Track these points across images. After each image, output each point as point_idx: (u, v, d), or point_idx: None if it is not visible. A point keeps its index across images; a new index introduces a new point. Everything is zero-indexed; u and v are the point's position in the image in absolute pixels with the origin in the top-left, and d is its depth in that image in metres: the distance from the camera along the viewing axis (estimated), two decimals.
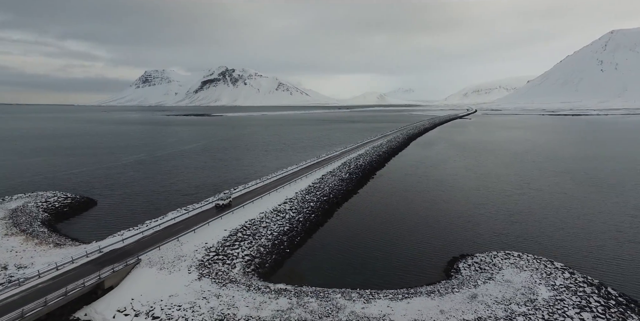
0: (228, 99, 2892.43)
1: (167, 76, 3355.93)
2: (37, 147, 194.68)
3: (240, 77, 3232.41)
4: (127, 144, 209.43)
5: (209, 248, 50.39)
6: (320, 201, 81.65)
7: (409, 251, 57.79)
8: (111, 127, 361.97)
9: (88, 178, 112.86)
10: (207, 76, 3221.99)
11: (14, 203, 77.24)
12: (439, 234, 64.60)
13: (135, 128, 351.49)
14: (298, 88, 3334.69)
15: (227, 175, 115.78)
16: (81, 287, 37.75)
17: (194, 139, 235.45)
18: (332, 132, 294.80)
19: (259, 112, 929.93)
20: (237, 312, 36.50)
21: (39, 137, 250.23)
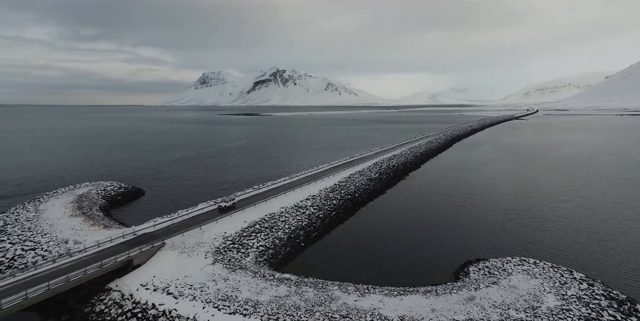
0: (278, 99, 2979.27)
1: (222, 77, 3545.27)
2: (107, 143, 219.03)
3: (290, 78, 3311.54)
4: (179, 141, 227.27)
5: (226, 237, 54.89)
6: (344, 200, 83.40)
7: (422, 252, 57.61)
8: (168, 126, 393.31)
9: (140, 170, 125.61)
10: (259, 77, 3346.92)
11: (81, 190, 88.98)
12: (458, 238, 63.26)
13: (188, 127, 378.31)
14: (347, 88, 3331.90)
15: (262, 172, 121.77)
16: (113, 262, 43.87)
17: (238, 138, 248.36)
18: (374, 132, 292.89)
19: (306, 112, 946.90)
20: (239, 295, 40.05)
21: (109, 136, 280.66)
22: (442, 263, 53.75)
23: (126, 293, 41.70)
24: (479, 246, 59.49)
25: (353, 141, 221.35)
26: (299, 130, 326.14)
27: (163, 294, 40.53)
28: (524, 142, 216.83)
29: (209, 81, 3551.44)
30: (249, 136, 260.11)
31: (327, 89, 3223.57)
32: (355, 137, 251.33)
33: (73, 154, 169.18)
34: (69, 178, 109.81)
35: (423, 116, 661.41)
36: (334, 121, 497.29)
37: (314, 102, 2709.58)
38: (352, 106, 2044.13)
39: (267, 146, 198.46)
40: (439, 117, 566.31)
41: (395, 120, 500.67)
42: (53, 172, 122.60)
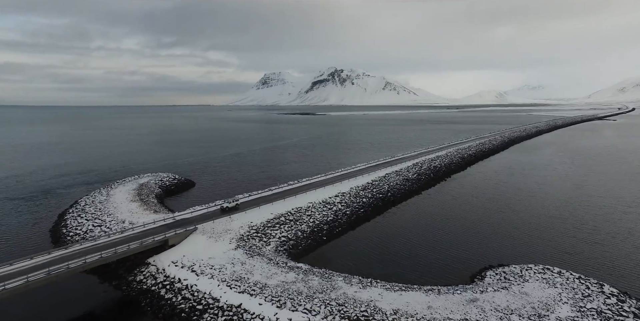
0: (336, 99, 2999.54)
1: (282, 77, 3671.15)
2: (172, 139, 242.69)
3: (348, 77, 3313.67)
4: (234, 139, 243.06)
5: (252, 226, 59.72)
6: (375, 198, 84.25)
7: (443, 254, 56.82)
8: (227, 125, 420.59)
9: (195, 164, 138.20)
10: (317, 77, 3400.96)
11: (143, 179, 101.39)
12: (485, 242, 61.08)
13: (246, 125, 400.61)
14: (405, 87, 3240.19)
15: (302, 169, 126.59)
16: (152, 241, 50.87)
17: (289, 136, 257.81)
18: (425, 133, 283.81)
19: (361, 111, 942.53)
20: (250, 277, 44.17)
21: (174, 133, 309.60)
22: (460, 266, 52.72)
23: (160, 267, 48.24)
24: (507, 253, 56.96)
25: (401, 141, 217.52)
26: (350, 130, 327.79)
27: (188, 271, 46.22)
28: (599, 145, 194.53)
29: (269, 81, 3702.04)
30: (299, 135, 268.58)
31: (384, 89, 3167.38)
32: (405, 137, 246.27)
33: (142, 149, 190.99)
34: (136, 169, 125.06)
35: (484, 116, 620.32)
36: (388, 120, 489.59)
37: (371, 102, 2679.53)
38: (410, 105, 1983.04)
39: (314, 145, 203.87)
40: (501, 118, 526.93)
41: (453, 120, 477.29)
42: (125, 164, 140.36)
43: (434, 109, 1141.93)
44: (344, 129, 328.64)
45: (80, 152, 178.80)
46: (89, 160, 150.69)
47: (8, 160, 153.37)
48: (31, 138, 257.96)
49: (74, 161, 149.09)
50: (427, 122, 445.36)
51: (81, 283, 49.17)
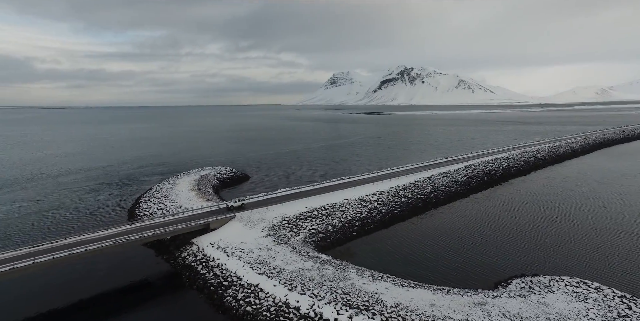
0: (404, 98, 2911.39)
1: (350, 77, 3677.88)
2: (237, 137, 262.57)
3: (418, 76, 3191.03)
4: (294, 137, 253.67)
5: (285, 218, 64.27)
6: (415, 198, 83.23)
7: (473, 259, 54.92)
8: (292, 123, 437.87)
9: (253, 159, 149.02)
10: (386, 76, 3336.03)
11: (204, 171, 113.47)
12: (525, 252, 57.34)
13: (309, 124, 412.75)
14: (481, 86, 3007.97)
15: (350, 167, 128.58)
16: (195, 224, 58.35)
17: (348, 135, 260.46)
18: (493, 134, 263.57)
19: (429, 111, 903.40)
20: (272, 262, 48.48)
21: (241, 131, 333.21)
22: (487, 272, 50.68)
23: (200, 247, 55.21)
24: (548, 264, 52.88)
25: (462, 143, 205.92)
26: (412, 130, 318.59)
27: (221, 252, 52.27)
28: None
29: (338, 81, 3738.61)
30: (358, 134, 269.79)
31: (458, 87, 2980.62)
32: (468, 138, 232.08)
33: (211, 145, 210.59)
34: (201, 162, 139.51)
35: (571, 116, 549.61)
36: (456, 121, 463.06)
37: (442, 101, 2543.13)
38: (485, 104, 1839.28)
39: (370, 144, 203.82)
40: (597, 118, 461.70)
41: (531, 121, 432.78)
42: (194, 157, 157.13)
43: (512, 109, 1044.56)
44: (405, 129, 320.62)
45: (160, 146, 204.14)
46: (166, 154, 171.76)
47: (107, 153, 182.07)
48: (126, 134, 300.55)
49: (155, 154, 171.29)
50: (500, 122, 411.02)
51: (141, 253, 58.58)
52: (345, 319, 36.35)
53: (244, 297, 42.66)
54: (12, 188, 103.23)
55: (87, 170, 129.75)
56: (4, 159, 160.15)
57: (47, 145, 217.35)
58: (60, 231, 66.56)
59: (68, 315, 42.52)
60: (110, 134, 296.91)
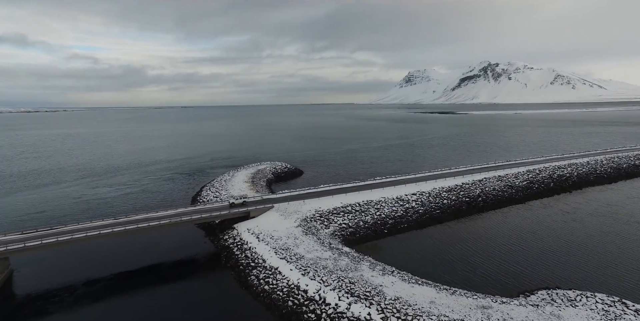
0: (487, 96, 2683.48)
1: (427, 75, 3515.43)
2: (301, 135, 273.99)
3: (504, 72, 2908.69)
4: (358, 136, 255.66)
5: (318, 211, 68.24)
6: (459, 201, 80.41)
7: (505, 267, 52.47)
8: (360, 122, 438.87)
9: (310, 156, 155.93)
10: (467, 73, 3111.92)
11: (262, 166, 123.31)
12: (569, 266, 52.72)
13: (376, 124, 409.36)
14: (585, 80, 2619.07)
15: (402, 167, 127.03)
16: (237, 211, 65.77)
17: (412, 135, 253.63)
18: (585, 136, 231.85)
19: (513, 110, 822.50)
20: (295, 249, 52.92)
21: (308, 129, 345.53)
22: (515, 281, 48.26)
23: (239, 232, 62.22)
24: (593, 281, 48.01)
25: (539, 145, 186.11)
26: (485, 130, 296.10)
27: (254, 237, 58.45)
28: None
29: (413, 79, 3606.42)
30: (424, 134, 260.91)
31: (554, 83, 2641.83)
32: (548, 141, 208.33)
33: (275, 141, 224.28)
34: (262, 157, 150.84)
35: None
36: (543, 121, 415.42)
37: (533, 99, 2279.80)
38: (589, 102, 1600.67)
39: (432, 145, 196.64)
40: None
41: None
42: (257, 153, 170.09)
43: (625, 107, 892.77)
44: (478, 130, 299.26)
45: (231, 142, 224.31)
46: (235, 149, 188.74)
47: (186, 147, 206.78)
48: (205, 131, 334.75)
49: (225, 149, 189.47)
50: (601, 123, 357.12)
51: (194, 233, 67.86)
52: (345, 305, 39.04)
53: (265, 277, 47.85)
54: (114, 174, 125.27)
55: (168, 162, 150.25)
56: (114, 151, 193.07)
57: (143, 139, 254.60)
58: (138, 209, 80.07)
59: (132, 277, 52.44)
60: (192, 131, 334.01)
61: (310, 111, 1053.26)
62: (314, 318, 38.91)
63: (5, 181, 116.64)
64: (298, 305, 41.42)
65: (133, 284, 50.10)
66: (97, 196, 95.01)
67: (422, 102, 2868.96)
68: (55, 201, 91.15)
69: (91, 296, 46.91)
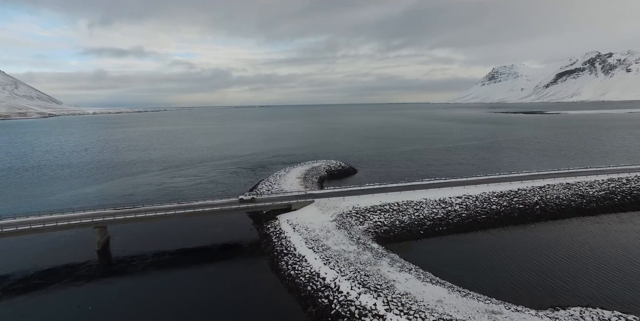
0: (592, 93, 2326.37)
1: (514, 71, 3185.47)
2: (367, 134, 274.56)
3: (620, 63, 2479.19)
4: (423, 136, 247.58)
5: (356, 208, 70.79)
6: (510, 208, 75.67)
7: (545, 280, 49.10)
8: (430, 123, 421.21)
9: (368, 156, 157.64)
10: (565, 67, 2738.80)
11: (317, 163, 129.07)
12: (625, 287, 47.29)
13: (449, 124, 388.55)
14: None
15: (459, 170, 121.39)
16: (280, 204, 71.87)
17: (485, 137, 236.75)
18: None
19: (626, 109, 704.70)
20: (324, 241, 56.66)
21: (377, 128, 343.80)
22: (550, 295, 45.25)
23: (280, 222, 68.11)
24: None
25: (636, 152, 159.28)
26: (577, 132, 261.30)
27: (291, 228, 63.66)
28: None
29: (498, 76, 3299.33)
30: (498, 136, 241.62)
31: None
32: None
33: (338, 140, 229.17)
34: (320, 155, 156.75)
35: None
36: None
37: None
38: None
39: (503, 148, 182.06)
40: None
41: None
42: (316, 150, 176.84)
43: None
44: (568, 132, 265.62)
45: (295, 140, 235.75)
46: (297, 146, 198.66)
47: (254, 144, 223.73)
48: (275, 129, 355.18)
49: (288, 146, 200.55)
50: None
51: (245, 221, 75.90)
52: (355, 294, 41.68)
53: (292, 263, 52.61)
54: (189, 166, 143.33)
55: (236, 157, 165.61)
56: (193, 146, 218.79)
57: (219, 136, 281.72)
58: (202, 196, 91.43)
59: (188, 253, 61.77)
60: (264, 129, 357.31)
61: (382, 110, 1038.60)
62: (326, 303, 42.31)
63: (112, 168, 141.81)
64: (315, 290, 45.20)
65: (188, 259, 59.10)
66: (173, 184, 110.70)
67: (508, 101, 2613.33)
68: (142, 186, 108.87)
69: (156, 265, 56.94)
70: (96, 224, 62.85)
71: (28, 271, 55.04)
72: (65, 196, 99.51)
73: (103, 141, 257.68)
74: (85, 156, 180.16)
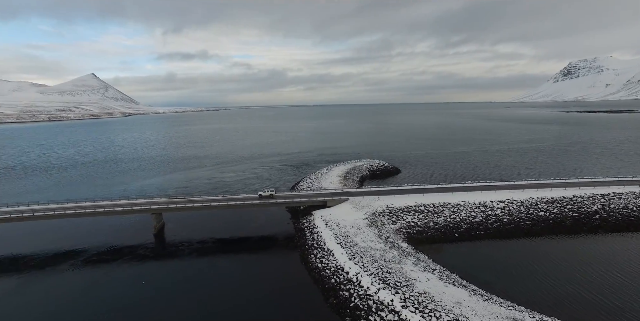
0: None
1: (597, 64, 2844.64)
2: (416, 135, 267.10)
3: None
4: (477, 137, 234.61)
5: (389, 207, 71.02)
6: (561, 216, 70.39)
7: (584, 295, 46.08)
8: (489, 123, 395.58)
9: (414, 156, 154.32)
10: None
11: (360, 162, 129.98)
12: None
13: (507, 125, 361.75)
14: None
15: (508, 174, 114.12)
16: (315, 200, 74.57)
17: (548, 139, 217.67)
18: None
19: None
20: (353, 238, 58.20)
21: (427, 129, 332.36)
22: (582, 308, 42.17)
23: (314, 218, 70.90)
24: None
25: None
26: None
27: (323, 223, 66.11)
28: None
29: (575, 71, 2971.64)
30: (564, 138, 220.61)
31: None
32: None
33: (385, 140, 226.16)
34: (363, 154, 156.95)
35: None
36: None
37: None
38: None
39: (568, 151, 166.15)
40: None
41: None
42: (361, 150, 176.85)
43: None
44: None
45: (343, 139, 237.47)
46: (343, 145, 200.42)
47: (302, 142, 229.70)
48: (326, 128, 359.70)
49: (335, 145, 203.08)
50: None
51: (283, 215, 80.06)
52: (374, 289, 42.89)
53: (321, 257, 55.03)
54: (239, 162, 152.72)
55: (283, 154, 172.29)
56: (244, 143, 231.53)
57: (270, 134, 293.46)
58: (246, 190, 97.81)
59: (229, 242, 67.32)
60: (314, 128, 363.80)
61: (438, 110, 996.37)
62: (347, 295, 44.07)
63: (172, 162, 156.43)
64: (338, 283, 47.14)
65: (228, 248, 64.59)
66: (223, 179, 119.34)
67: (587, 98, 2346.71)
68: (195, 179, 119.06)
69: (200, 250, 63.03)
70: (153, 211, 71.13)
71: (100, 247, 64.42)
72: (132, 186, 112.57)
73: (167, 138, 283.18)
74: (151, 151, 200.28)
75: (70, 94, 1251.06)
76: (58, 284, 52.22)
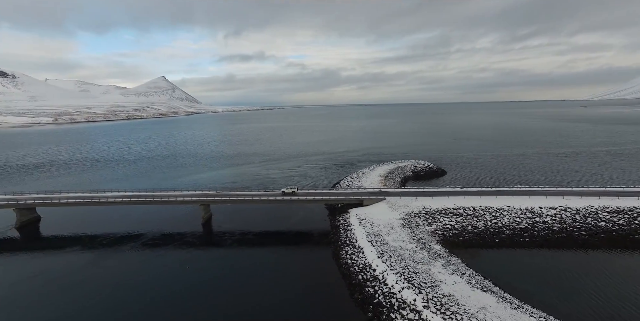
0: None
1: None
2: (468, 135, 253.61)
3: None
4: (540, 139, 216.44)
5: (426, 208, 69.64)
6: (629, 227, 63.77)
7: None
8: (557, 124, 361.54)
9: (463, 158, 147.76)
10: None
11: (404, 163, 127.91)
12: None
13: (581, 126, 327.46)
14: None
15: (565, 179, 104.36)
16: (352, 198, 75.55)
17: (625, 142, 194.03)
18: None
19: None
20: (384, 237, 58.41)
21: (481, 129, 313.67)
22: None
23: (350, 216, 72.00)
24: None
25: None
26: None
27: (358, 222, 66.99)
28: None
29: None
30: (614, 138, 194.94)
31: None
32: None
33: (434, 140, 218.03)
34: (409, 155, 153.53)
35: None
36: None
37: None
38: None
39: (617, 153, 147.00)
40: None
41: None
42: (408, 150, 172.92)
43: None
44: None
45: (390, 139, 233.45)
46: (389, 145, 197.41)
47: (349, 141, 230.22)
48: (376, 127, 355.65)
49: (381, 145, 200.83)
50: None
51: (321, 211, 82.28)
52: (398, 288, 43.18)
53: (351, 254, 56.22)
54: (285, 160, 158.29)
55: (328, 153, 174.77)
56: (293, 141, 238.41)
57: (319, 133, 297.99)
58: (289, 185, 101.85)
59: (269, 236, 71.20)
60: (362, 127, 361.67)
61: (500, 110, 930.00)
62: (371, 292, 44.86)
63: (224, 158, 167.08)
64: (364, 280, 48.04)
65: (266, 241, 68.29)
66: (268, 175, 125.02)
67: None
68: (243, 175, 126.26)
69: (241, 241, 67.60)
70: (201, 202, 77.55)
71: (155, 233, 71.96)
72: (186, 179, 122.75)
73: (222, 135, 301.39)
74: (207, 147, 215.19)
75: (144, 95, 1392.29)
76: (121, 261, 59.84)
